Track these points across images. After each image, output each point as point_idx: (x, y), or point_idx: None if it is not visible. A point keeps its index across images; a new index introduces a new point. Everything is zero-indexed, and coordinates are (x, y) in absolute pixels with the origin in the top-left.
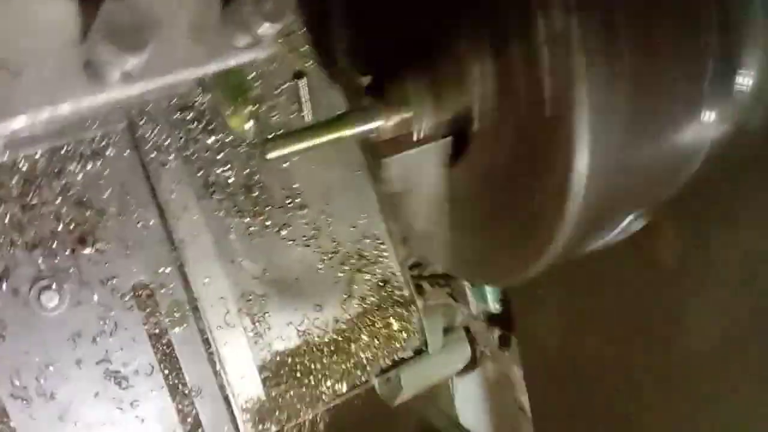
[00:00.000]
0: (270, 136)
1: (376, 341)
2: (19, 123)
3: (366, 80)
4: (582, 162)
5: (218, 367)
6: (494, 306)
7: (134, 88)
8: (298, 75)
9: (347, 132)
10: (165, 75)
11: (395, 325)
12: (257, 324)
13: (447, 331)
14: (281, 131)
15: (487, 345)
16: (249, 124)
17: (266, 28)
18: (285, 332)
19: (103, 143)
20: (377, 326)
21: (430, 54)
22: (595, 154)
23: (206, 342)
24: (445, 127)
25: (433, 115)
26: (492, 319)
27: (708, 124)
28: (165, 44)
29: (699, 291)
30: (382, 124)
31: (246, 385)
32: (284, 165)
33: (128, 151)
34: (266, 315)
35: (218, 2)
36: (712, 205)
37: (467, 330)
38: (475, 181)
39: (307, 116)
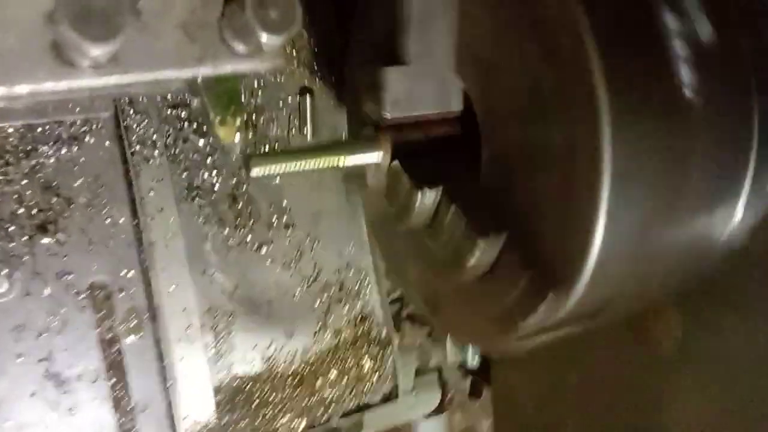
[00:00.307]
0: (258, 153)
1: (345, 380)
2: None
3: (372, 109)
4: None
5: (169, 382)
6: (473, 359)
7: (107, 79)
8: (305, 91)
9: (343, 160)
10: (145, 70)
11: (367, 366)
12: (220, 342)
13: (418, 371)
14: (272, 149)
15: (458, 392)
16: (238, 137)
17: (269, 39)
18: (248, 355)
19: (84, 129)
20: (348, 364)
21: None
22: (614, 224)
23: (161, 354)
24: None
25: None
26: (467, 367)
27: (739, 219)
28: (148, 35)
29: (694, 381)
30: (380, 157)
31: (196, 407)
32: (276, 181)
33: (109, 141)
34: (231, 334)
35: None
36: (720, 293)
37: (439, 372)
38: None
39: (309, 135)
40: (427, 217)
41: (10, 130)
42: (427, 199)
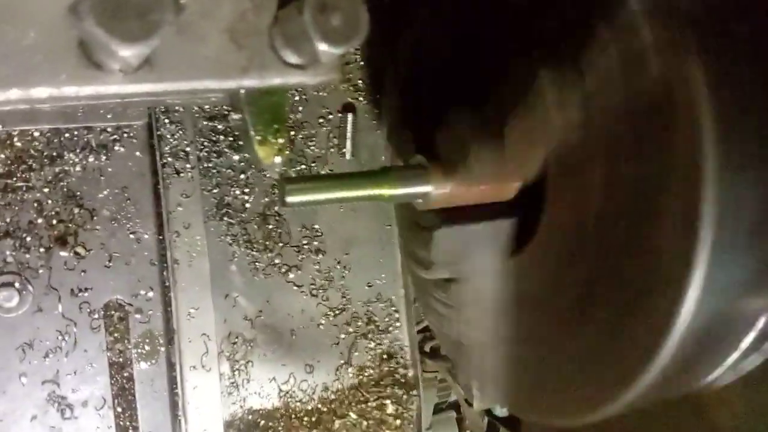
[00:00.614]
0: (295, 177)
1: (365, 423)
2: None
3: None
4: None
5: (179, 412)
6: (502, 409)
7: (138, 86)
8: (348, 108)
9: (388, 191)
10: (182, 78)
11: (390, 409)
12: (236, 372)
13: (436, 408)
14: (309, 174)
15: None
16: (279, 159)
17: (328, 49)
18: (265, 389)
19: (114, 137)
20: (370, 405)
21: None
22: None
23: (173, 382)
24: (506, 206)
25: (494, 177)
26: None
27: None
28: (189, 38)
29: None
30: (431, 190)
31: None
32: None
33: (140, 152)
34: (249, 364)
35: (273, 3)
36: None
37: (456, 409)
38: (547, 276)
39: (348, 155)
40: None
41: (36, 134)
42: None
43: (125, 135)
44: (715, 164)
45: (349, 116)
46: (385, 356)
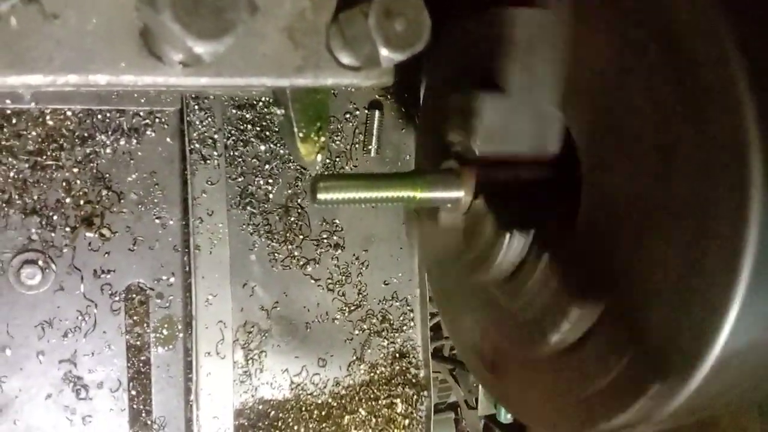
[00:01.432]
0: (327, 175)
1: (373, 420)
2: (34, 80)
3: (462, 140)
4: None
5: (192, 397)
6: (507, 415)
7: (196, 79)
8: (375, 105)
9: (420, 194)
10: (240, 75)
11: (399, 407)
12: (250, 361)
13: (435, 408)
14: (339, 173)
15: None
16: (320, 156)
17: (389, 54)
18: (277, 380)
19: (146, 122)
20: (380, 403)
21: None
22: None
23: (188, 368)
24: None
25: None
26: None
27: None
28: (251, 36)
29: None
30: (462, 196)
31: (215, 428)
32: None
33: (170, 138)
34: (263, 354)
35: (332, 2)
36: None
37: (455, 410)
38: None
39: (373, 152)
40: (510, 268)
41: (69, 113)
42: (515, 244)
43: (157, 120)
44: None
45: (376, 113)
46: (397, 355)
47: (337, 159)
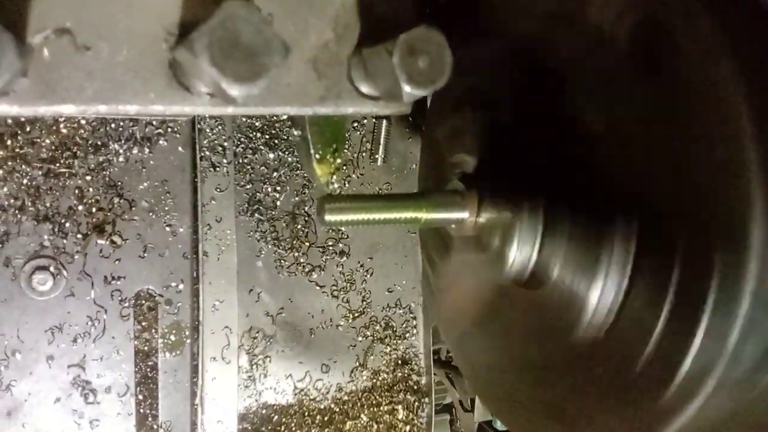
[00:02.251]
0: (334, 196)
1: (375, 426)
2: (65, 110)
3: (466, 161)
4: None
5: (197, 401)
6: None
7: (222, 109)
8: (383, 116)
9: (425, 215)
10: (265, 105)
11: (401, 414)
12: (254, 366)
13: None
14: (346, 194)
15: None
16: (334, 177)
17: (411, 90)
18: (281, 385)
19: (159, 131)
20: (381, 409)
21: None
22: None
23: (194, 372)
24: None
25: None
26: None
27: None
28: (282, 70)
29: None
30: (467, 216)
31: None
32: None
33: (182, 147)
34: (267, 359)
35: (355, 34)
36: None
37: (450, 412)
38: None
39: (380, 161)
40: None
41: (83, 122)
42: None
43: (169, 129)
44: None
45: (384, 122)
46: (399, 362)
47: (344, 167)
